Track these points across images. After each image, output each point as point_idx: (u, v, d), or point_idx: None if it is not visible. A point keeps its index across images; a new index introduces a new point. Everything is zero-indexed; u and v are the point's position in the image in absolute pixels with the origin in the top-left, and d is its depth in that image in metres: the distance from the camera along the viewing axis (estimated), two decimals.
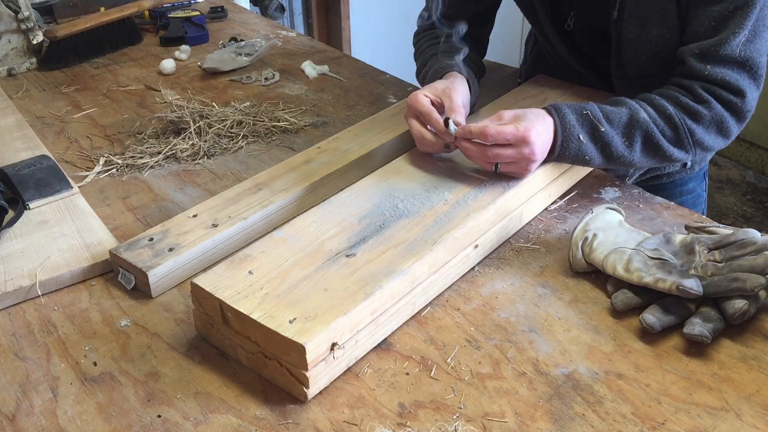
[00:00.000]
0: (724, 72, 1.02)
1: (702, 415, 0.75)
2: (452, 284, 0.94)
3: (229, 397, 0.79)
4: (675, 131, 1.02)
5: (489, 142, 0.96)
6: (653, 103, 1.03)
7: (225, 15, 1.99)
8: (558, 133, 0.99)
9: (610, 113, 1.02)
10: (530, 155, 0.96)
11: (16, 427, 0.75)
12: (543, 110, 1.01)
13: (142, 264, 0.92)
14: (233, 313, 0.79)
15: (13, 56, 1.65)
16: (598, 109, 1.02)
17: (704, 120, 1.03)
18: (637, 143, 1.02)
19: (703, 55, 1.02)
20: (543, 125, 0.98)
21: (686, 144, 1.03)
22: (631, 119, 1.02)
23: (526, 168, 0.99)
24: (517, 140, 0.95)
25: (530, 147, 0.96)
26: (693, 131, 1.03)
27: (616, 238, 0.93)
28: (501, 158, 0.97)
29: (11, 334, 0.88)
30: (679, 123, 1.02)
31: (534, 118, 0.98)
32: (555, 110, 1.01)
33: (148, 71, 1.64)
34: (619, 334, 0.85)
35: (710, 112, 1.02)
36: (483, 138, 0.96)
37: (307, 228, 0.92)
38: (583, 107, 1.02)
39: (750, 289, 0.82)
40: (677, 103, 1.03)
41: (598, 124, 1.00)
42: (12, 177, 1.12)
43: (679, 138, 1.03)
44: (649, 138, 1.02)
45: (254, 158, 1.26)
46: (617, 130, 1.01)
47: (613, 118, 1.02)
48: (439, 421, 0.75)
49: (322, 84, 1.56)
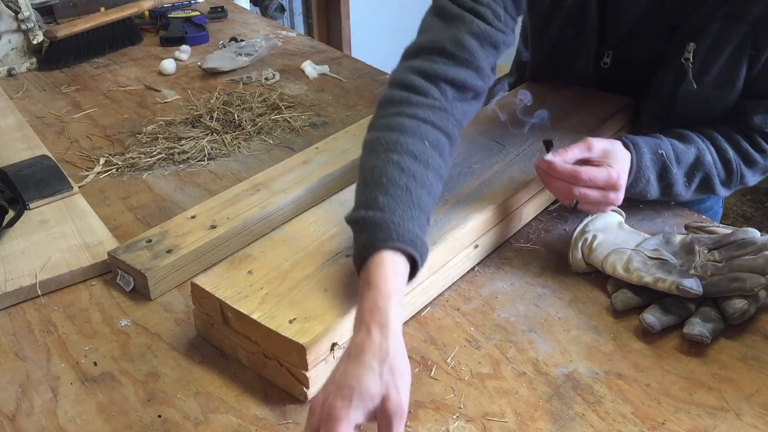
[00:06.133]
0: None
1: (702, 415, 0.75)
2: (452, 284, 0.94)
3: (229, 397, 0.79)
4: (729, 175, 1.03)
5: (580, 184, 0.90)
6: (716, 144, 1.02)
7: (225, 15, 1.99)
8: (632, 173, 0.96)
9: (680, 153, 1.00)
10: (615, 200, 0.92)
11: (16, 427, 0.75)
12: (622, 145, 0.95)
13: (141, 266, 0.92)
14: (233, 313, 0.79)
15: (13, 56, 1.65)
16: (671, 148, 0.99)
17: (758, 167, 1.04)
18: (694, 184, 1.02)
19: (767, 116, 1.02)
20: (627, 166, 0.94)
21: (733, 185, 1.05)
22: (697, 161, 1.00)
23: (605, 209, 0.96)
24: (608, 186, 0.91)
25: (618, 193, 0.92)
26: (744, 175, 1.04)
27: (615, 239, 0.94)
28: (586, 199, 0.91)
29: (11, 334, 0.88)
30: (735, 168, 1.03)
31: (622, 160, 0.93)
32: (634, 147, 0.96)
33: (148, 71, 1.64)
34: (619, 334, 0.85)
35: (765, 161, 1.04)
36: (574, 181, 0.89)
37: (307, 228, 0.92)
38: (659, 145, 0.98)
39: (750, 288, 0.82)
40: (738, 149, 1.03)
41: (669, 167, 0.98)
42: (12, 177, 1.12)
43: (729, 180, 1.04)
44: (707, 181, 1.02)
45: (254, 158, 1.26)
46: (682, 171, 1.00)
47: (682, 158, 1.00)
48: (439, 421, 0.75)
49: (322, 84, 1.56)
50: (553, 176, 0.90)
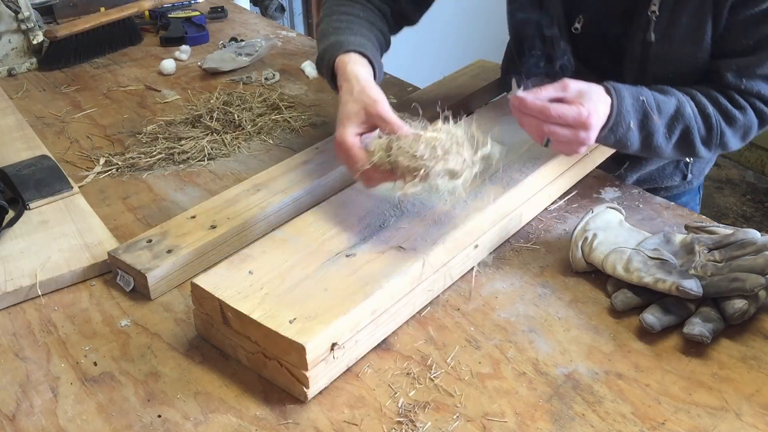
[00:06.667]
0: (760, 86, 1.03)
1: (702, 415, 0.75)
2: (452, 284, 0.94)
3: (229, 397, 0.79)
4: (709, 131, 1.03)
5: (549, 121, 0.91)
6: (696, 99, 1.03)
7: (225, 15, 1.99)
8: (612, 116, 0.96)
9: (660, 102, 1.01)
10: (585, 139, 0.93)
11: (16, 427, 0.75)
12: (603, 89, 0.97)
13: (141, 266, 0.92)
14: (233, 313, 0.79)
15: (13, 56, 1.65)
16: (652, 97, 1.00)
17: (737, 124, 1.04)
18: (674, 136, 1.02)
19: (740, 71, 1.03)
20: (604, 109, 0.95)
21: (713, 143, 1.04)
22: (677, 112, 1.01)
23: (577, 150, 0.96)
24: (577, 123, 0.91)
25: (588, 132, 0.93)
26: (724, 133, 1.04)
27: (616, 238, 0.93)
28: (556, 137, 0.92)
29: (11, 334, 0.88)
30: (714, 123, 1.03)
31: (597, 100, 0.94)
32: (615, 92, 0.97)
33: (148, 71, 1.64)
34: (619, 334, 0.85)
35: (744, 117, 1.04)
36: (544, 117, 0.91)
37: (307, 228, 0.92)
38: (640, 92, 0.99)
39: (750, 289, 0.82)
40: (717, 104, 1.04)
41: (650, 114, 0.99)
42: (12, 177, 1.12)
43: (710, 137, 1.04)
44: (687, 134, 1.02)
45: (254, 158, 1.26)
46: (663, 121, 1.01)
47: (663, 108, 1.00)
48: (439, 421, 0.75)
49: (322, 84, 1.56)
50: (524, 113, 0.92)
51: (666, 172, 1.28)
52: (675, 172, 1.28)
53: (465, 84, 1.44)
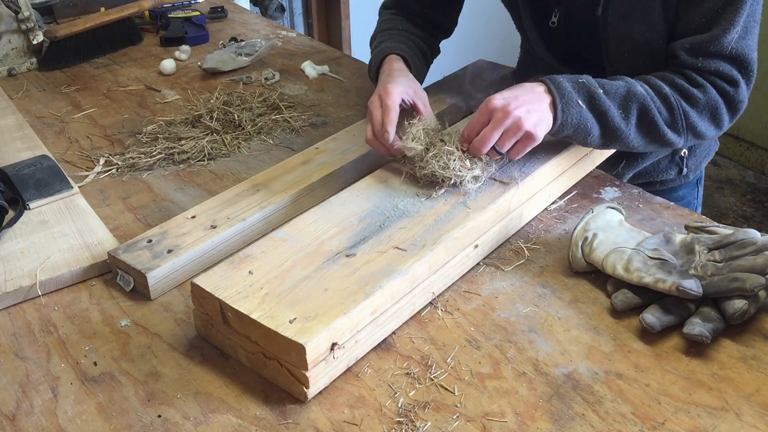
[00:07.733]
0: (717, 63, 1.02)
1: (702, 415, 0.75)
2: (452, 284, 0.94)
3: (229, 397, 0.79)
4: (670, 111, 1.02)
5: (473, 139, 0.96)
6: (649, 81, 1.03)
7: (225, 15, 1.99)
8: (556, 99, 0.97)
9: (605, 84, 1.01)
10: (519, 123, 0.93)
11: (16, 427, 0.75)
12: (534, 81, 0.99)
13: (141, 266, 0.92)
14: (233, 313, 0.79)
15: (13, 56, 1.65)
16: (594, 80, 1.01)
17: (699, 103, 1.03)
18: (633, 116, 1.01)
19: (695, 50, 1.02)
20: (521, 90, 0.96)
21: (680, 126, 1.03)
22: (629, 92, 1.01)
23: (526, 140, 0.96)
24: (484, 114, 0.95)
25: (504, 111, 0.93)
26: (687, 113, 1.03)
27: (616, 238, 0.93)
28: (488, 140, 0.95)
29: (11, 334, 0.88)
30: (674, 103, 1.02)
31: (513, 89, 0.97)
32: (549, 79, 0.99)
33: (148, 71, 1.64)
34: (619, 334, 0.85)
35: (705, 96, 1.03)
36: (464, 141, 0.97)
37: (307, 228, 0.92)
38: (578, 77, 1.01)
39: (750, 289, 0.82)
40: (673, 85, 1.03)
41: (595, 91, 0.99)
42: (12, 177, 1.12)
43: (673, 119, 1.03)
44: (645, 113, 1.01)
45: (254, 158, 1.26)
46: (614, 101, 1.00)
47: (610, 89, 1.01)
48: (439, 421, 0.75)
49: (322, 84, 1.56)
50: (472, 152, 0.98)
51: (661, 166, 1.28)
52: (670, 166, 1.28)
53: (465, 84, 1.44)
